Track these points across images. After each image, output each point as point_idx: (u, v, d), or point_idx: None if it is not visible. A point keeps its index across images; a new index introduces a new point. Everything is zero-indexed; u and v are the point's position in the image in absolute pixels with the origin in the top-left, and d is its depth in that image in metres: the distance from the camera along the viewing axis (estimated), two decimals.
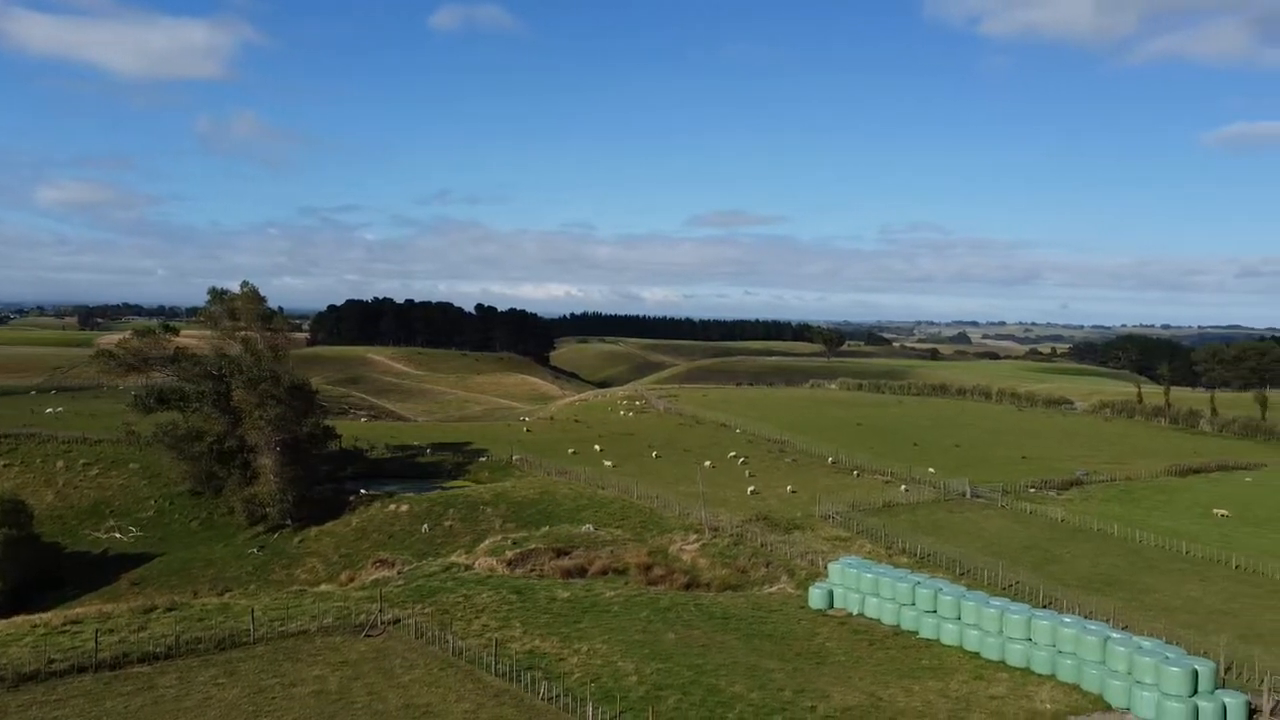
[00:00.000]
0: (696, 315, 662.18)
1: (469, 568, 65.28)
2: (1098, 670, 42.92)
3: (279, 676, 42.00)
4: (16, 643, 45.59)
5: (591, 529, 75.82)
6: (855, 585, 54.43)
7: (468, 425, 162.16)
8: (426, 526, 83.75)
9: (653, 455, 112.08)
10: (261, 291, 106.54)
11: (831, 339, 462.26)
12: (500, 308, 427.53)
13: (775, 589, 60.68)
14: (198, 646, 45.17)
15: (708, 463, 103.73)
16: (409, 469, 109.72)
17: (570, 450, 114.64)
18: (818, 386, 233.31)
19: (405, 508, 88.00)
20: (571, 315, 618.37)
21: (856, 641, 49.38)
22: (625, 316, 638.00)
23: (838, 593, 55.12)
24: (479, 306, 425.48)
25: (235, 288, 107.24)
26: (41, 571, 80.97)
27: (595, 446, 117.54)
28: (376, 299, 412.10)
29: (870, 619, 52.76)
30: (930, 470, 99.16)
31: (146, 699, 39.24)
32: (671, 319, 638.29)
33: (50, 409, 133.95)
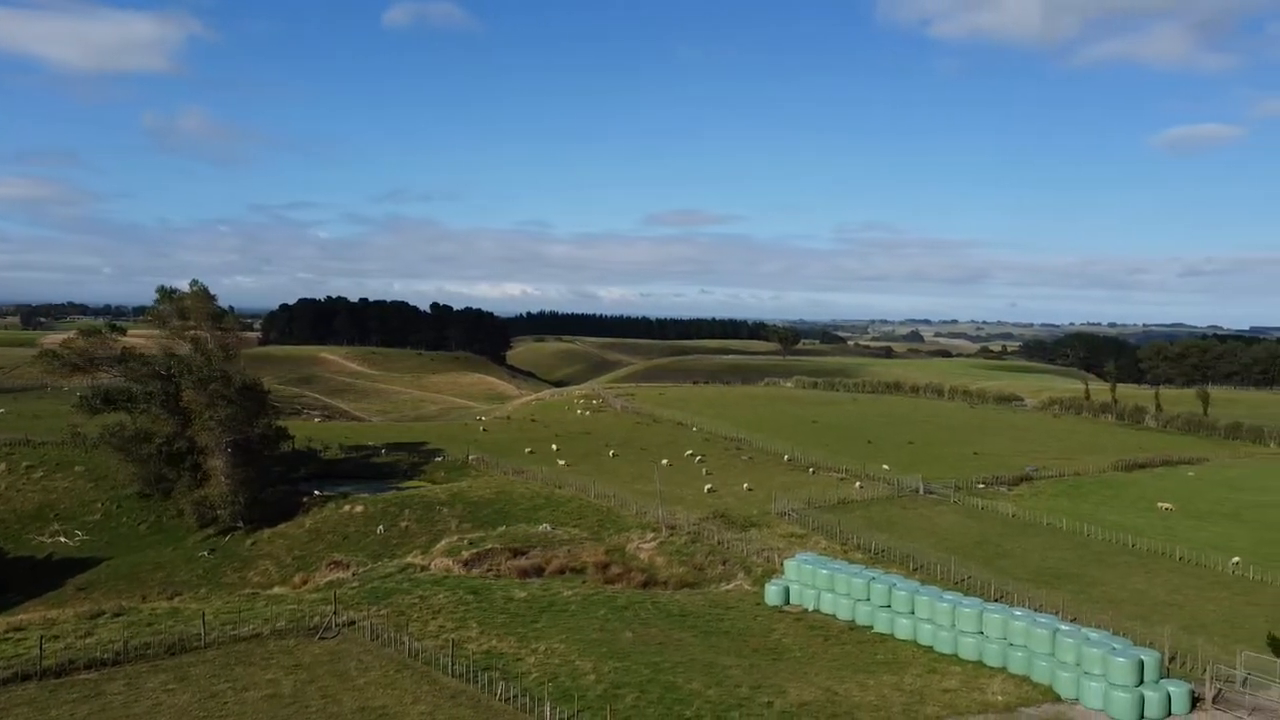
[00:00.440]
0: (653, 314, 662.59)
1: (425, 568, 64.85)
2: (1048, 662, 43.78)
3: (231, 681, 41.41)
4: None
5: (549, 528, 75.65)
6: (811, 582, 54.95)
7: (423, 425, 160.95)
8: (382, 527, 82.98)
9: (610, 454, 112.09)
10: (212, 290, 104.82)
11: (787, 337, 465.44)
12: (456, 306, 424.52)
13: (732, 586, 61.03)
14: (147, 652, 44.41)
15: (665, 461, 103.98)
16: (364, 469, 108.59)
17: (527, 449, 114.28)
18: (773, 385, 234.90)
19: (360, 509, 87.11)
20: (528, 314, 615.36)
21: (812, 637, 49.86)
22: (582, 315, 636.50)
23: (794, 589, 55.60)
24: (434, 305, 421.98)
25: (185, 286, 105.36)
26: None
27: (552, 446, 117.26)
28: (330, 298, 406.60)
29: (826, 615, 53.29)
30: (884, 467, 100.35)
31: (94, 706, 38.47)
32: (628, 318, 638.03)
33: None
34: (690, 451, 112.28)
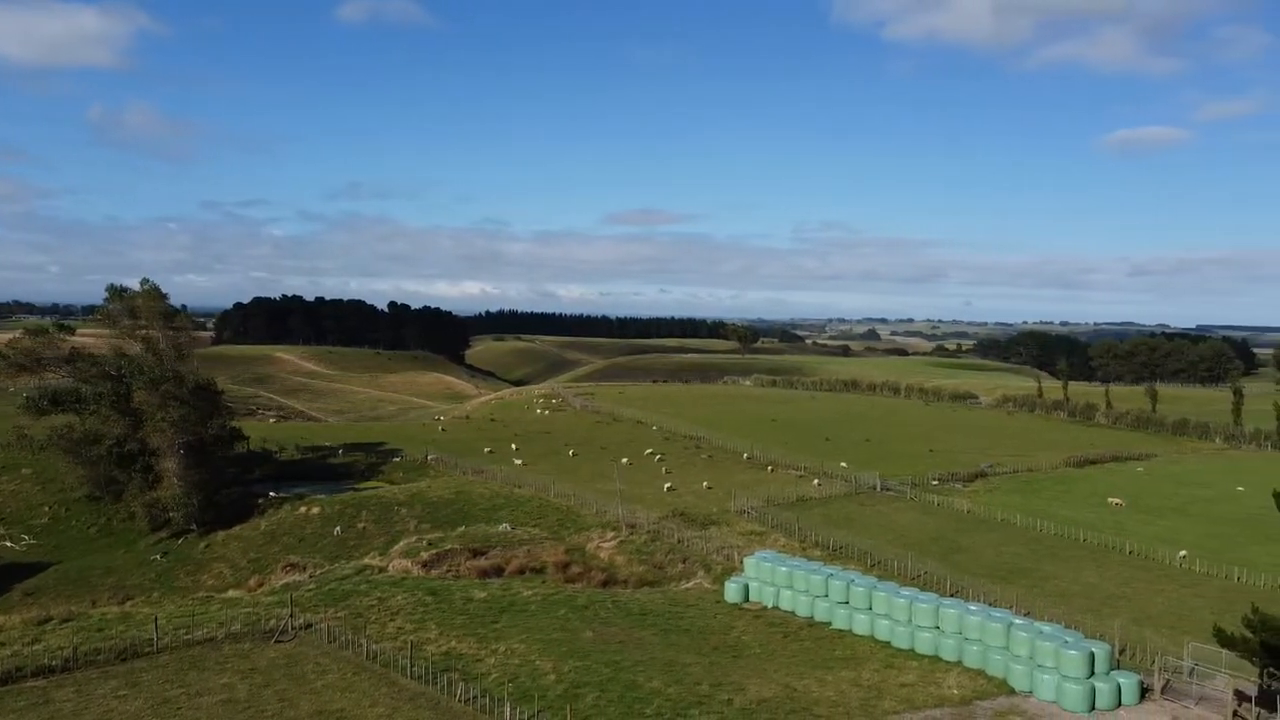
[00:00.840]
0: (613, 313, 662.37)
1: (383, 570, 64.28)
2: (1002, 656, 44.49)
3: (184, 686, 40.75)
4: None
5: (508, 528, 75.35)
6: (770, 579, 55.31)
7: (381, 425, 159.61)
8: (339, 529, 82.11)
9: (570, 453, 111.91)
10: (163, 289, 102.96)
11: (746, 336, 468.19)
12: (414, 305, 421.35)
13: (692, 584, 61.24)
14: (97, 658, 43.53)
15: (625, 460, 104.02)
16: (320, 470, 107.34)
17: (486, 449, 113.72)
18: (732, 383, 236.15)
19: (316, 510, 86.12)
20: (487, 313, 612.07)
21: (772, 634, 50.19)
22: (541, 314, 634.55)
23: (753, 586, 55.93)
24: (392, 304, 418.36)
25: (135, 285, 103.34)
26: None
27: (512, 445, 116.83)
28: (285, 297, 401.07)
29: (785, 611, 53.68)
30: (842, 464, 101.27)
31: (42, 714, 37.66)
32: (588, 317, 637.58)
33: None
34: (650, 450, 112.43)
